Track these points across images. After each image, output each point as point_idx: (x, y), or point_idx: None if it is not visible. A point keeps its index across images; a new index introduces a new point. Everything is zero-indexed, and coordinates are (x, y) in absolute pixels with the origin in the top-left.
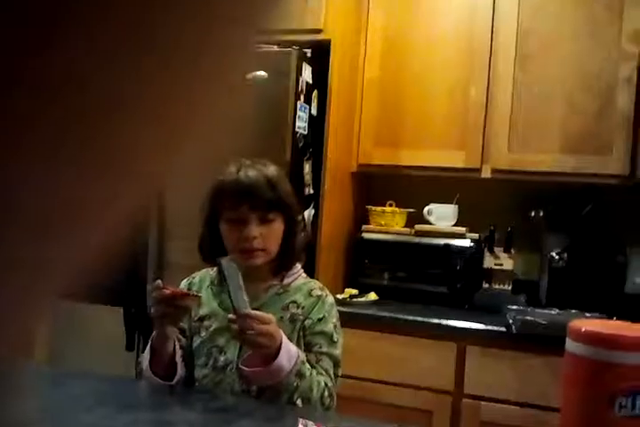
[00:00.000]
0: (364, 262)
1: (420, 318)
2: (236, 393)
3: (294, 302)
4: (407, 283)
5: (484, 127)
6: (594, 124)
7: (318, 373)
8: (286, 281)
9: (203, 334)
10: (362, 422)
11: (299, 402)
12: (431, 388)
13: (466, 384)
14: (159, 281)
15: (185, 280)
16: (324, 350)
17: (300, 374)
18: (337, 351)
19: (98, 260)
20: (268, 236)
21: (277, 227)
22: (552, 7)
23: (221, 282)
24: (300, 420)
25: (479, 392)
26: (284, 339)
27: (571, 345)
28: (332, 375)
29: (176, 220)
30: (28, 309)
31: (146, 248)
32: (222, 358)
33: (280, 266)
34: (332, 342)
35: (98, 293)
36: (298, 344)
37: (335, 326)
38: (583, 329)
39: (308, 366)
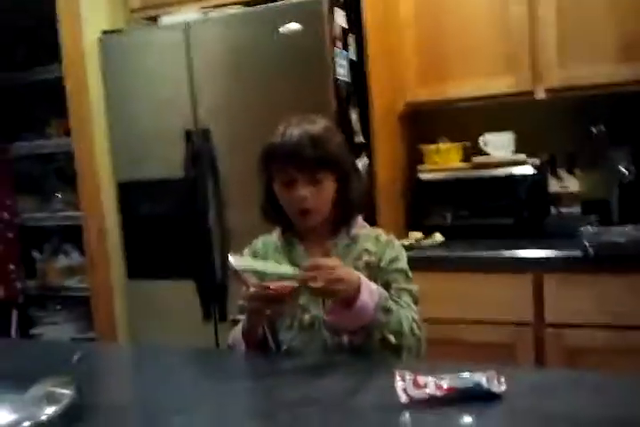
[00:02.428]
0: (425, 204)
1: (491, 253)
2: (328, 350)
3: (365, 249)
4: (472, 219)
5: (531, 44)
6: None
7: (402, 307)
8: (352, 232)
9: None
10: (456, 367)
11: (391, 338)
12: (511, 321)
13: (546, 314)
14: (255, 282)
15: (247, 249)
16: (403, 285)
17: (387, 310)
18: (415, 287)
19: None
20: (318, 195)
21: (328, 185)
22: None
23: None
24: (397, 371)
25: (561, 320)
26: (363, 278)
27: None
28: (415, 309)
29: (232, 188)
30: None
31: (207, 225)
32: (307, 317)
33: (341, 221)
34: (408, 277)
35: (169, 268)
36: None
37: (408, 266)
38: None
39: (391, 301)
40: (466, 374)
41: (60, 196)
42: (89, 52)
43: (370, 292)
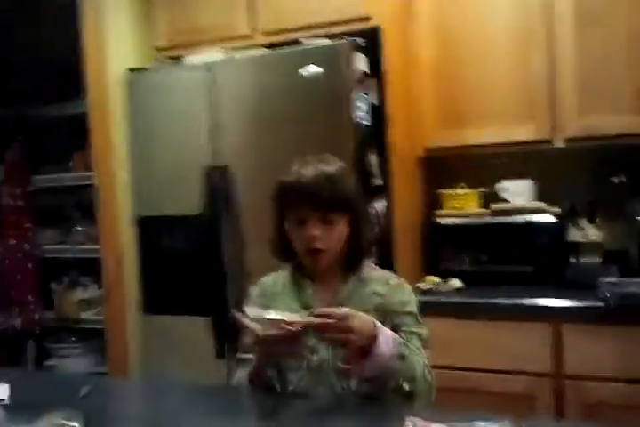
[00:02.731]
0: (442, 248)
1: (509, 301)
2: (336, 394)
3: (375, 292)
4: (490, 265)
5: (551, 94)
6: None
7: (413, 351)
8: (362, 275)
9: None
10: (469, 415)
11: (405, 385)
12: (530, 371)
13: (566, 365)
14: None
15: (256, 287)
16: (413, 329)
17: (401, 356)
18: (425, 331)
19: None
20: (329, 236)
21: (340, 226)
22: None
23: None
24: (407, 418)
25: (581, 372)
26: (379, 326)
27: None
28: (424, 354)
29: (248, 226)
30: None
31: (222, 262)
32: (315, 358)
33: (350, 264)
34: (418, 322)
35: (184, 304)
36: None
37: (418, 311)
38: None
39: (404, 346)
40: (480, 424)
41: (80, 228)
42: (113, 88)
43: (386, 341)
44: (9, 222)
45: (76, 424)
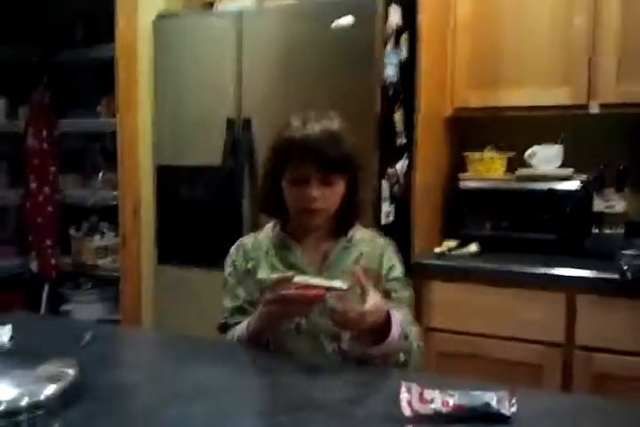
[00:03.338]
0: (464, 213)
1: (525, 269)
2: (326, 355)
3: (362, 253)
4: (511, 232)
5: (590, 59)
6: None
7: (410, 324)
8: (350, 235)
9: None
10: (463, 383)
11: (401, 357)
12: (541, 341)
13: (577, 336)
14: (290, 274)
15: (233, 249)
16: (401, 294)
17: (405, 336)
18: (410, 292)
19: None
20: (329, 196)
21: (339, 187)
22: None
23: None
24: (403, 383)
25: (592, 344)
26: (392, 312)
27: None
28: (412, 317)
29: None
30: None
31: (241, 215)
32: (304, 322)
33: (342, 224)
34: (404, 284)
35: (200, 257)
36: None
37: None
38: None
39: (406, 323)
40: (476, 393)
41: (101, 175)
42: (142, 34)
43: (396, 327)
44: (33, 165)
45: (72, 371)
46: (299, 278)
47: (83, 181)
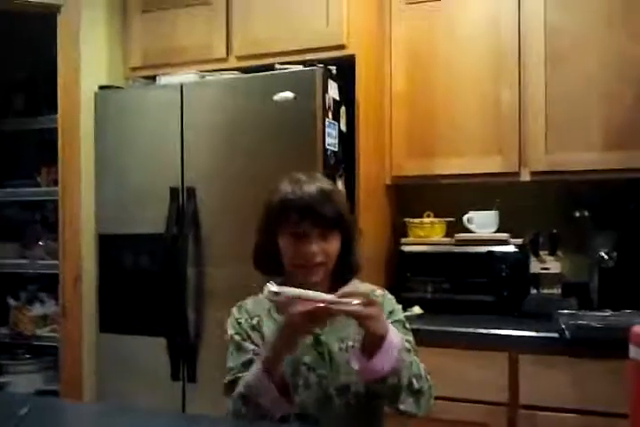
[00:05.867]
0: (406, 276)
1: (468, 329)
2: (335, 410)
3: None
4: (452, 294)
5: (520, 129)
6: (634, 117)
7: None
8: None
9: None
10: None
11: (414, 382)
12: (485, 400)
13: (521, 394)
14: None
15: (235, 309)
16: (404, 337)
17: (407, 350)
18: (412, 338)
19: None
20: (327, 251)
21: (336, 243)
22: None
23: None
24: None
25: (535, 402)
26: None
27: (636, 352)
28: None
29: (213, 248)
30: None
31: (185, 283)
32: (313, 376)
33: (340, 280)
34: (406, 329)
35: (142, 324)
36: None
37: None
38: None
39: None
40: None
41: (42, 244)
42: (85, 105)
43: (395, 332)
44: None
45: None
46: (277, 288)
47: (22, 251)
